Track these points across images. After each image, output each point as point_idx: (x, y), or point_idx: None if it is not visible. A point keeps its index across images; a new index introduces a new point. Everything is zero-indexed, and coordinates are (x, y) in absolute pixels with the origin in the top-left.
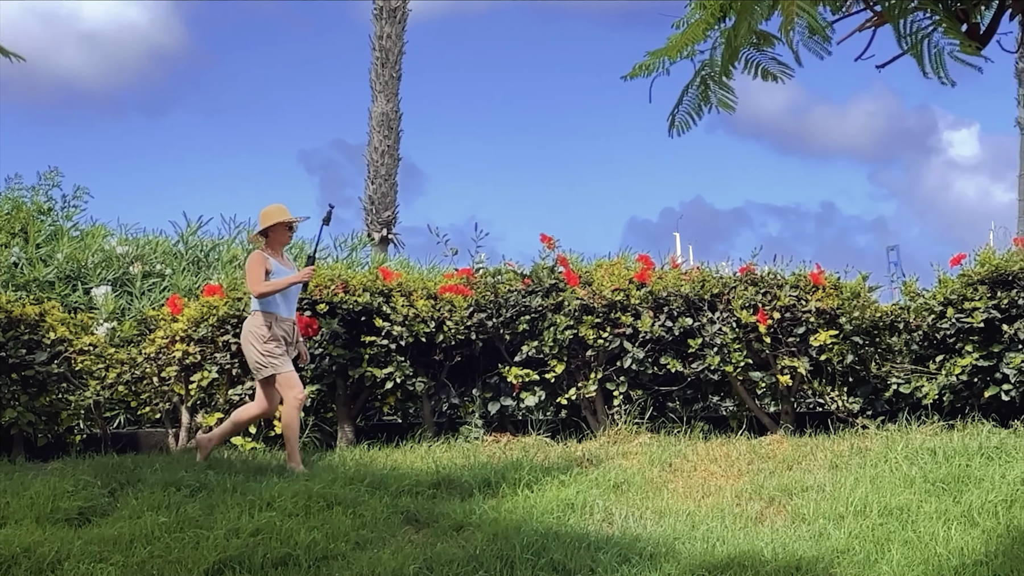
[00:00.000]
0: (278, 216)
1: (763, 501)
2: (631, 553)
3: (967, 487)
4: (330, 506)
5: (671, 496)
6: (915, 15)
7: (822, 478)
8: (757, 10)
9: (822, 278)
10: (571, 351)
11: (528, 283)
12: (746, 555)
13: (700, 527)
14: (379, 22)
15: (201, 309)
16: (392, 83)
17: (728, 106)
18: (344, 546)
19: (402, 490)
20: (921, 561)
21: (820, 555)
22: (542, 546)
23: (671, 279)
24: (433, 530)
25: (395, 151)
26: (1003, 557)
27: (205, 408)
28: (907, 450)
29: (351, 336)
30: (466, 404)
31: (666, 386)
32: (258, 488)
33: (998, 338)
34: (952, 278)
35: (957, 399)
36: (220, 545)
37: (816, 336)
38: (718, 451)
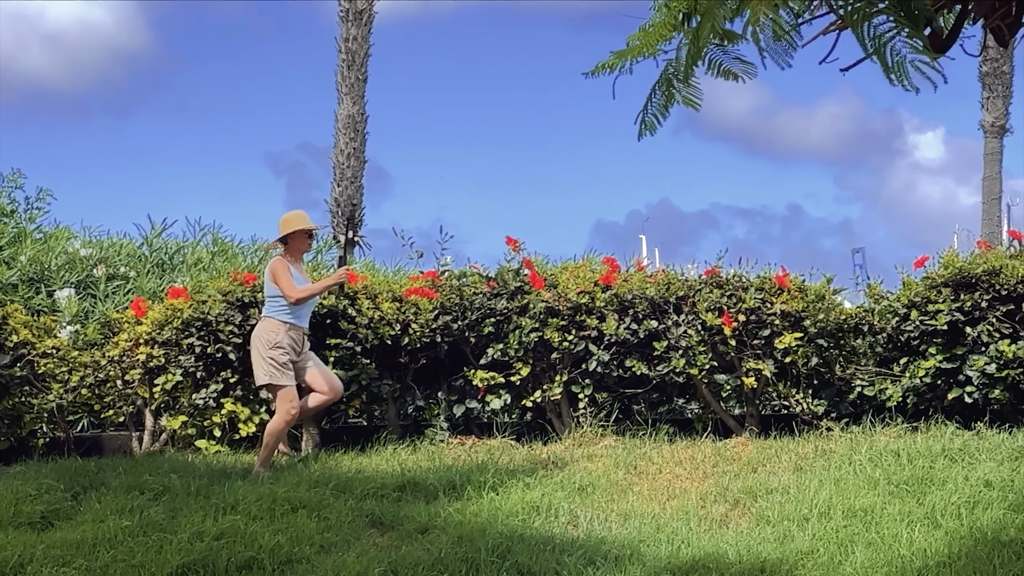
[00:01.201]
0: (298, 223)
1: (728, 503)
2: (596, 556)
3: (930, 489)
4: (295, 509)
5: (636, 499)
6: (877, 20)
7: (786, 480)
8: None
9: (787, 281)
10: (536, 354)
11: (493, 286)
12: (711, 557)
13: (665, 529)
14: (345, 24)
15: (165, 312)
16: (358, 85)
17: (693, 103)
18: (308, 550)
19: (367, 493)
20: (885, 563)
21: (784, 557)
22: (507, 549)
23: (636, 282)
24: (398, 533)
25: (361, 153)
26: (966, 559)
27: (169, 411)
28: (871, 452)
29: (316, 339)
30: (431, 407)
31: (631, 388)
32: (222, 492)
33: (961, 340)
34: (916, 281)
35: (921, 401)
36: (184, 549)
37: (781, 338)
38: (683, 453)
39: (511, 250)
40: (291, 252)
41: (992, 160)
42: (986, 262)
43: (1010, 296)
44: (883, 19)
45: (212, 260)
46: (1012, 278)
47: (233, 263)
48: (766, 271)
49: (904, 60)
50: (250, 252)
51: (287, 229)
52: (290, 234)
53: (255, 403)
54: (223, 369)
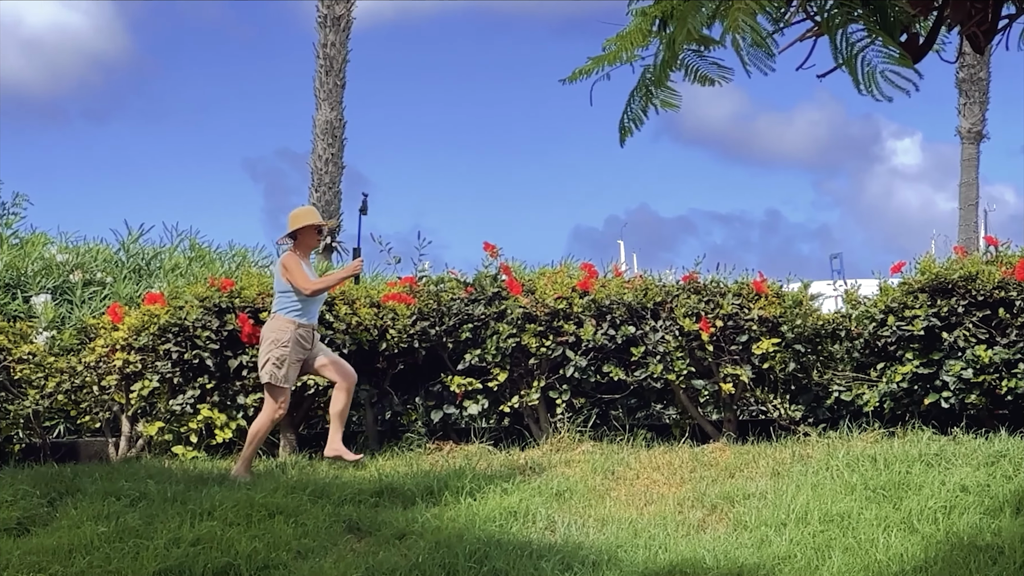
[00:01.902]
0: (308, 219)
1: (705, 509)
2: (573, 561)
3: (907, 494)
4: (272, 515)
5: (613, 504)
6: (851, 28)
7: (764, 486)
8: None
9: (765, 286)
10: (514, 359)
11: (471, 291)
12: (688, 563)
13: (642, 535)
14: (323, 30)
15: (142, 318)
16: (336, 91)
17: (671, 105)
18: (286, 555)
19: (344, 499)
20: (861, 567)
21: (762, 562)
22: (484, 554)
23: (614, 287)
24: (375, 539)
25: (339, 159)
26: (942, 563)
27: (146, 417)
28: (848, 457)
29: None
30: (409, 412)
31: (609, 394)
32: (199, 498)
33: (938, 346)
34: (893, 286)
35: (898, 406)
36: (160, 555)
37: (758, 344)
38: (660, 459)
39: (489, 256)
40: (300, 248)
41: (969, 166)
42: (963, 268)
43: (986, 301)
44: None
45: (189, 266)
46: (988, 283)
47: (211, 269)
48: (744, 277)
49: (875, 70)
50: (228, 258)
51: (296, 225)
52: (299, 230)
53: (232, 409)
54: (200, 375)
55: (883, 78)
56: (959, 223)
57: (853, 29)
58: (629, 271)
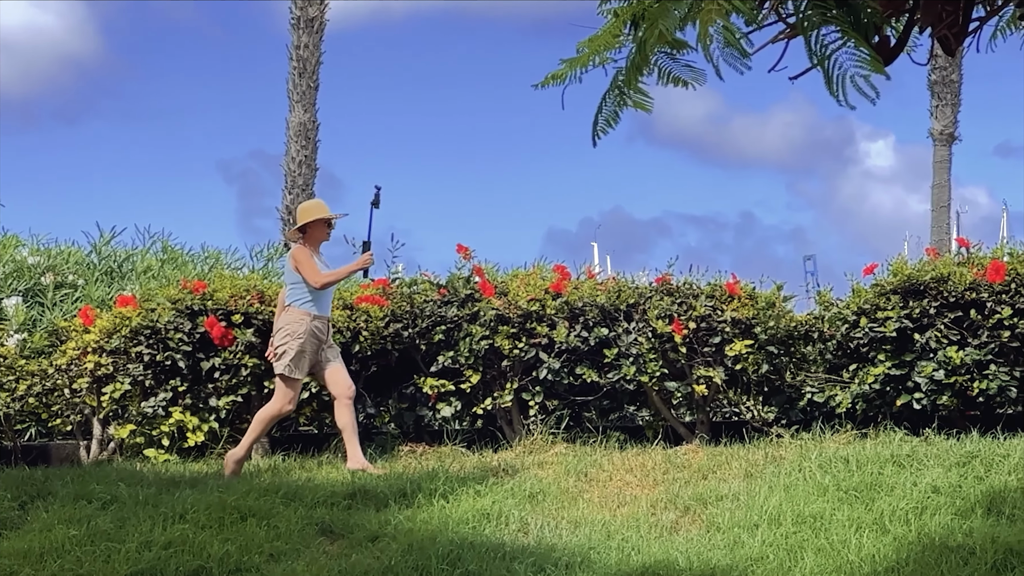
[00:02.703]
0: (317, 212)
1: (678, 510)
2: (546, 563)
3: (879, 495)
4: (244, 518)
5: (586, 506)
6: (824, 30)
7: (737, 487)
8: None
9: (738, 288)
10: (487, 361)
11: (444, 293)
12: (661, 564)
13: (615, 536)
14: (296, 32)
15: (114, 320)
16: (310, 93)
17: (644, 107)
18: (258, 558)
19: (317, 501)
20: (834, 568)
21: (734, 563)
22: (457, 556)
23: (587, 289)
24: (348, 541)
25: (313, 161)
26: (914, 564)
27: (117, 420)
28: (821, 459)
29: (266, 346)
30: (382, 414)
31: (582, 396)
32: (171, 501)
33: (910, 347)
34: (865, 288)
35: (870, 408)
36: (132, 558)
37: (731, 346)
38: (634, 461)
39: (462, 258)
40: (310, 242)
41: (941, 168)
42: (934, 269)
43: (958, 303)
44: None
45: (162, 268)
46: (960, 285)
47: (183, 271)
48: (717, 278)
49: (845, 74)
50: (200, 260)
51: (306, 218)
52: (309, 223)
53: (204, 411)
54: (172, 377)
55: (852, 84)
56: (931, 225)
57: (826, 31)
58: (603, 273)
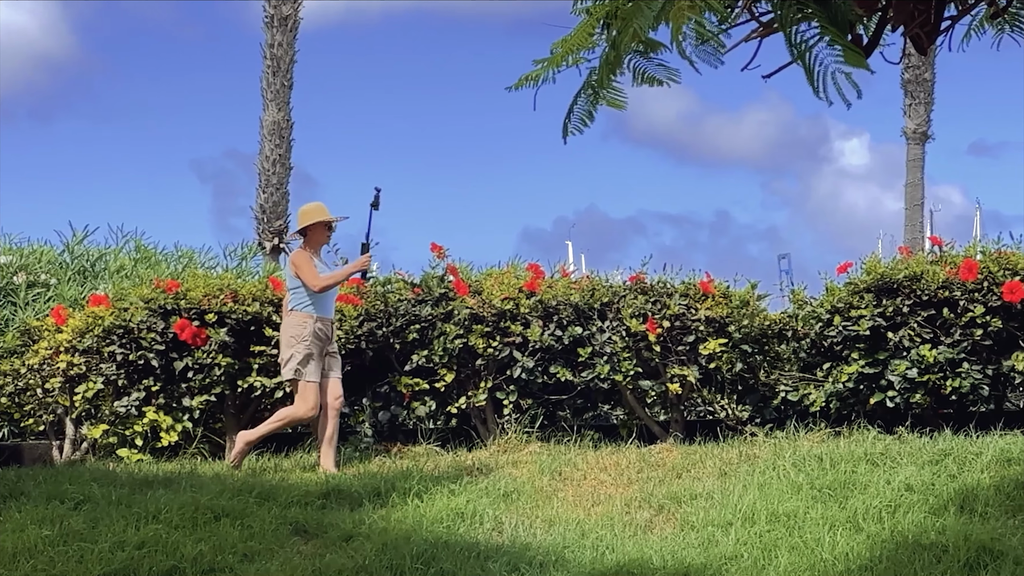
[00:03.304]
0: (317, 215)
1: (652, 509)
2: (521, 562)
3: (853, 493)
4: (217, 518)
5: (561, 505)
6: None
7: (711, 486)
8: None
9: (712, 287)
10: (461, 360)
11: (418, 292)
12: (635, 563)
13: (590, 535)
14: (270, 30)
15: (86, 320)
16: (283, 92)
17: (618, 104)
18: (231, 558)
19: (291, 501)
20: (807, 567)
21: (709, 562)
22: (432, 556)
23: (561, 288)
24: (322, 541)
25: (287, 160)
26: (887, 562)
27: (90, 420)
28: (795, 457)
29: (240, 346)
30: (356, 413)
31: (556, 395)
32: (144, 501)
33: (883, 345)
34: (839, 286)
35: (844, 406)
36: (105, 558)
37: (705, 344)
38: (608, 460)
39: (436, 257)
40: (310, 244)
41: (914, 166)
42: (907, 268)
43: (931, 301)
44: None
45: (135, 267)
46: (933, 283)
47: (156, 270)
48: (691, 277)
49: (826, 71)
50: (174, 259)
51: (306, 221)
52: (309, 226)
53: (178, 411)
54: (145, 377)
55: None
56: (905, 223)
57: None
58: (577, 272)
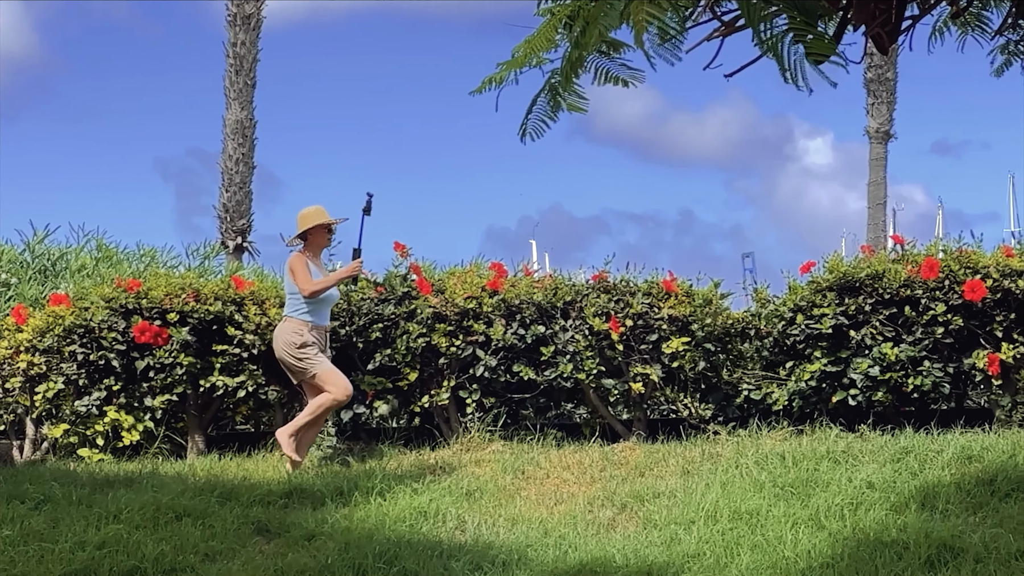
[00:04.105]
0: (317, 218)
1: (615, 508)
2: (483, 561)
3: (815, 491)
4: (179, 518)
5: (524, 503)
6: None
7: (674, 484)
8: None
9: (675, 285)
10: (424, 359)
11: (381, 291)
12: (598, 561)
13: (552, 534)
14: (233, 29)
15: (47, 319)
16: (247, 90)
17: (579, 108)
18: (193, 558)
19: (253, 500)
20: (769, 565)
21: (671, 560)
22: (394, 555)
23: (523, 287)
24: (284, 540)
25: (250, 159)
26: (848, 559)
27: (51, 419)
28: (757, 455)
29: (202, 345)
30: None
31: (519, 394)
32: (105, 500)
33: (846, 344)
34: (802, 285)
35: (806, 404)
36: (65, 559)
37: (668, 343)
38: (571, 458)
39: (399, 255)
40: (310, 248)
41: (877, 165)
42: (869, 266)
43: (893, 300)
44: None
45: (96, 266)
46: (895, 282)
47: (118, 270)
48: (654, 276)
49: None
50: (136, 258)
51: (305, 225)
52: (309, 230)
53: (139, 411)
54: (106, 376)
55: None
56: (868, 222)
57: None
58: (541, 271)
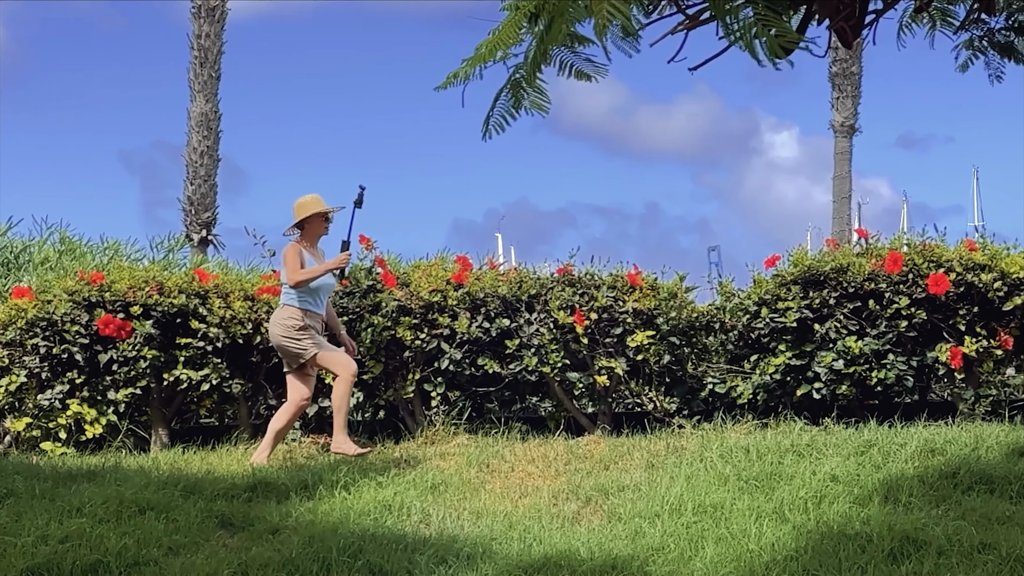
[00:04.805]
0: (314, 207)
1: (580, 501)
2: (448, 554)
3: (779, 484)
4: (142, 511)
5: (488, 497)
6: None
7: (638, 477)
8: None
9: (639, 279)
10: (389, 352)
11: (346, 284)
12: (562, 555)
13: (517, 527)
14: (197, 21)
15: (9, 312)
16: (211, 83)
17: (541, 107)
18: (156, 552)
19: (217, 494)
20: (733, 558)
21: (636, 553)
22: (359, 548)
23: (488, 280)
24: (248, 534)
25: (215, 152)
26: (812, 552)
27: (14, 413)
28: (722, 449)
29: (166, 338)
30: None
31: (484, 387)
32: (68, 494)
33: (810, 337)
34: (767, 278)
35: (771, 398)
36: (28, 553)
37: (633, 337)
38: (536, 452)
39: (364, 248)
40: (307, 237)
41: (842, 159)
42: (834, 260)
43: (857, 293)
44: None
45: (60, 259)
46: (859, 275)
47: (81, 262)
48: (618, 269)
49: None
50: (99, 251)
51: (303, 214)
52: (306, 219)
53: (102, 404)
54: (69, 370)
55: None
56: (833, 216)
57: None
58: (507, 264)
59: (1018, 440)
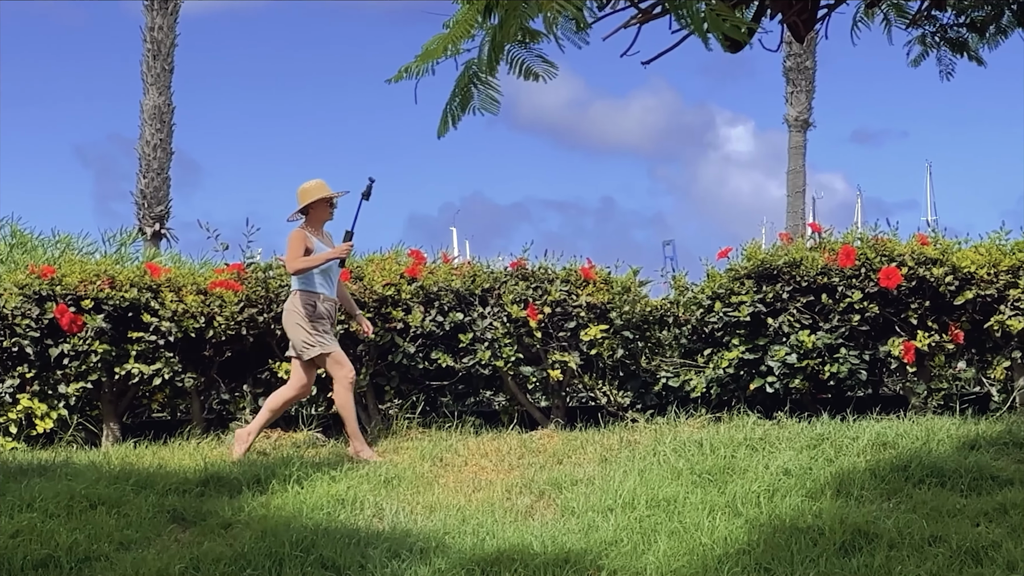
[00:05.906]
0: (318, 192)
1: (533, 495)
2: (401, 548)
3: (732, 478)
4: (93, 506)
5: (442, 491)
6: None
7: (592, 471)
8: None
9: (593, 273)
10: (342, 346)
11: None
12: (515, 548)
13: (470, 521)
14: (150, 13)
15: None
16: (164, 76)
17: (491, 107)
18: (107, 547)
19: (169, 488)
20: (686, 551)
21: (588, 547)
22: (311, 543)
23: (442, 274)
24: (200, 529)
25: (168, 145)
26: (764, 545)
27: None
28: (675, 443)
29: (118, 332)
30: (237, 400)
31: (437, 381)
32: (18, 489)
33: (763, 331)
34: (720, 272)
35: (724, 392)
36: None
37: (587, 331)
38: (489, 446)
39: None
40: (312, 223)
41: (796, 154)
42: (787, 254)
43: (810, 287)
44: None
45: (11, 253)
46: (812, 270)
47: (33, 256)
48: (572, 263)
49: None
50: (51, 245)
51: (307, 199)
52: (310, 204)
53: (53, 398)
54: (19, 364)
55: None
56: (787, 210)
57: None
58: (461, 258)
59: (969, 434)
